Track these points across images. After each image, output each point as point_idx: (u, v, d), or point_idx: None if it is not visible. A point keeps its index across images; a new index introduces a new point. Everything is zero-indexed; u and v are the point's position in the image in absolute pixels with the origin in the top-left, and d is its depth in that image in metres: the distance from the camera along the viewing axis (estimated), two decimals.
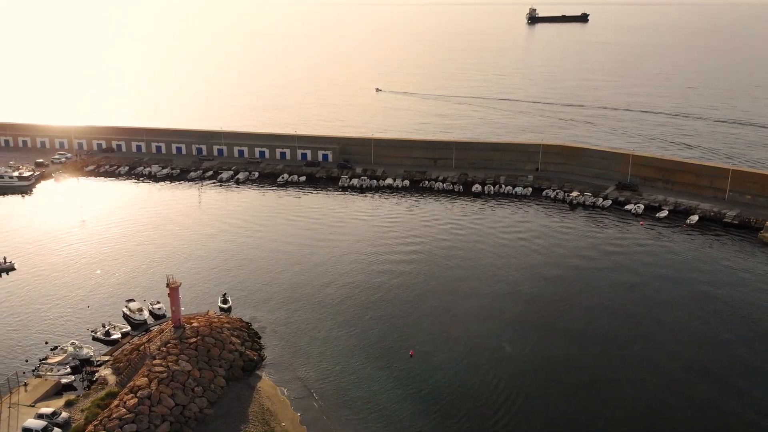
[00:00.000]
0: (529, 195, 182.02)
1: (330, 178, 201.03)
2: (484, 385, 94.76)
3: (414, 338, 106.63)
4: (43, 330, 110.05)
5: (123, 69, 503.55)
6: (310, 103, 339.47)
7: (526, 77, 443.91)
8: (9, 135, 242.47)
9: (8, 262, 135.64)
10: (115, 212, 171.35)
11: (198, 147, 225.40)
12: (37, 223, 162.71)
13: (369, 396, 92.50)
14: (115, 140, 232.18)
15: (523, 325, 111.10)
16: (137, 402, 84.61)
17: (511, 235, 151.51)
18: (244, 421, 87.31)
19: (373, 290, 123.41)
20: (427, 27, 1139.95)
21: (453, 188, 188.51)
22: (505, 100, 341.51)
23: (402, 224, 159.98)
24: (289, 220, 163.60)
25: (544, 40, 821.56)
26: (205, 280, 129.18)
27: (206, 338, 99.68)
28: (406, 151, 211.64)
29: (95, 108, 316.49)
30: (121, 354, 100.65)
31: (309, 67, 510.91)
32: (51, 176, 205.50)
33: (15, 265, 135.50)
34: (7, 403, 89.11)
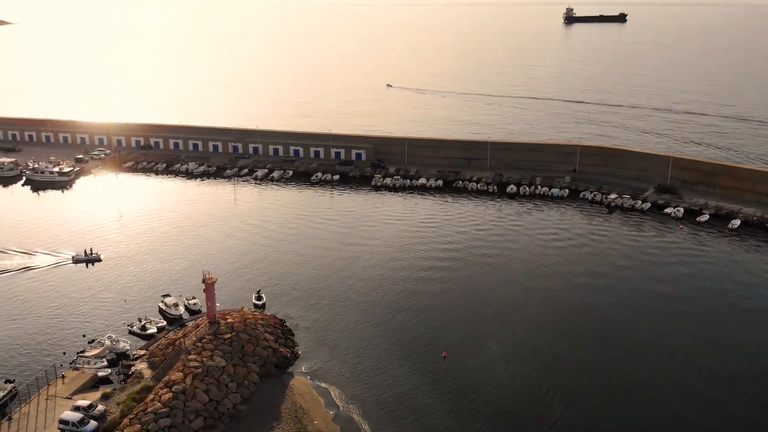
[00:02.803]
0: (566, 197, 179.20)
1: (363, 177, 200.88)
2: (517, 390, 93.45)
3: (447, 340, 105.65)
4: (80, 323, 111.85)
5: (162, 68, 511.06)
6: (344, 102, 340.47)
7: (562, 77, 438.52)
8: (50, 131, 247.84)
9: (94, 253, 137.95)
10: (152, 208, 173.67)
11: (234, 145, 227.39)
12: (75, 218, 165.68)
13: (401, 397, 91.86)
14: (153, 137, 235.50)
15: (558, 331, 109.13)
16: (172, 396, 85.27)
17: (547, 239, 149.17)
18: (276, 419, 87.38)
19: (407, 292, 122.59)
20: (463, 27, 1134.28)
21: (487, 189, 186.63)
22: (541, 100, 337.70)
23: (436, 225, 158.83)
24: (322, 220, 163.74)
25: (581, 40, 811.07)
26: (239, 276, 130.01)
27: (240, 334, 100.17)
28: (439, 150, 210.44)
29: (134, 105, 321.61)
30: (156, 348, 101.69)
31: (345, 66, 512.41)
32: (90, 172, 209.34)
33: (101, 257, 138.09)
34: (45, 395, 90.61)
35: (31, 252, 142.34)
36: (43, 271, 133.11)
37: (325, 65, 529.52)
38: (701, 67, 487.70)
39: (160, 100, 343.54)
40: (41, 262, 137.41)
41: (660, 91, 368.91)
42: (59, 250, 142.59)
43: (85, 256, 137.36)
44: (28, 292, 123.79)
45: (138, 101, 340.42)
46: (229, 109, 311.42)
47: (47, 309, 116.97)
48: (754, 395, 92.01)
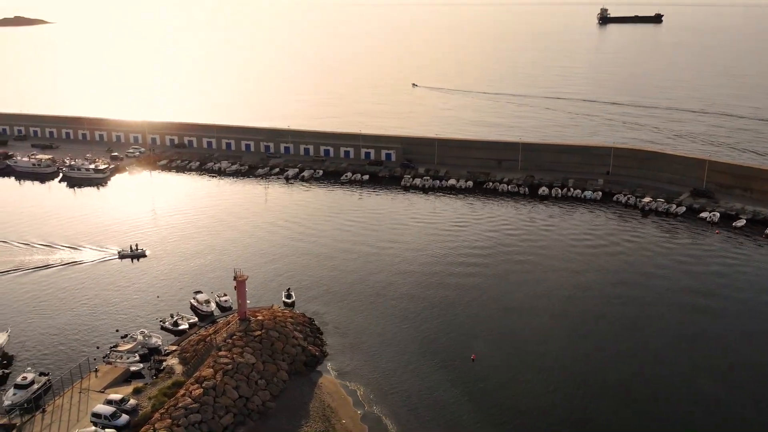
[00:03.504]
0: (599, 199, 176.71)
1: (393, 178, 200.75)
2: (546, 395, 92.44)
3: (476, 342, 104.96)
4: (114, 318, 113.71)
5: (197, 67, 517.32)
6: (371, 102, 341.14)
7: (596, 78, 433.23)
8: (86, 129, 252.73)
9: (139, 249, 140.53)
10: (185, 206, 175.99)
11: (266, 144, 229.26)
12: (115, 215, 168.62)
13: (429, 399, 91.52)
14: (186, 136, 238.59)
15: (590, 337, 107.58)
16: (202, 392, 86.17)
17: (579, 242, 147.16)
18: (305, 417, 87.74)
19: (436, 293, 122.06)
20: (494, 27, 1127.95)
21: (518, 190, 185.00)
22: (574, 101, 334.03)
23: (465, 227, 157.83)
24: (351, 220, 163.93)
25: (616, 40, 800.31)
26: (269, 274, 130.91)
27: (270, 332, 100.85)
28: (470, 151, 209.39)
29: (169, 104, 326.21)
30: (188, 344, 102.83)
31: (375, 66, 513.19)
32: (125, 169, 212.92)
33: (147, 252, 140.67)
34: (78, 388, 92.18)
35: (78, 247, 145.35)
36: (89, 266, 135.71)
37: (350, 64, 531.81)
38: (738, 69, 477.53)
39: (194, 100, 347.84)
40: (88, 257, 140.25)
41: (696, 92, 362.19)
42: (105, 246, 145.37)
43: (131, 251, 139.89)
44: (71, 286, 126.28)
45: (173, 100, 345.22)
46: (262, 109, 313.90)
47: (85, 303, 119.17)
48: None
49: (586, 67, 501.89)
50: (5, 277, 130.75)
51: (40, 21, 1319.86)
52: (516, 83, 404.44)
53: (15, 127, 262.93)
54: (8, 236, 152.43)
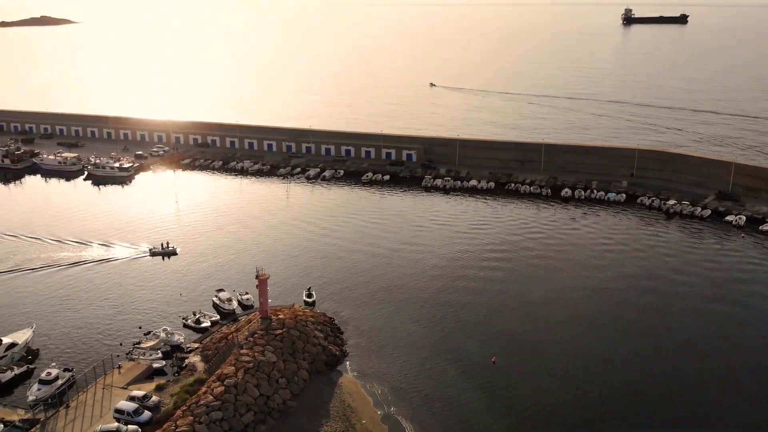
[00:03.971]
0: (623, 201, 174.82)
1: (413, 178, 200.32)
2: (568, 398, 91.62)
3: (497, 345, 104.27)
4: (137, 315, 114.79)
5: (220, 67, 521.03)
6: (390, 101, 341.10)
7: (619, 79, 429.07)
8: (111, 128, 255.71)
9: (170, 247, 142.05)
10: (208, 204, 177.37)
11: (288, 144, 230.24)
12: (137, 213, 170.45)
13: (450, 400, 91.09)
14: (210, 136, 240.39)
15: (612, 340, 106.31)
16: (224, 390, 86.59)
17: (602, 245, 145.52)
18: (325, 416, 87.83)
19: (456, 295, 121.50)
20: (517, 27, 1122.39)
21: (541, 192, 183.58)
22: (597, 101, 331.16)
23: (487, 228, 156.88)
24: (372, 220, 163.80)
25: (640, 41, 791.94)
26: (290, 273, 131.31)
27: (291, 330, 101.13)
28: (491, 152, 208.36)
29: (192, 104, 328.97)
30: (210, 342, 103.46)
31: (393, 65, 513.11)
32: (149, 168, 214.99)
33: (177, 250, 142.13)
34: (102, 384, 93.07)
35: (109, 244, 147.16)
36: (121, 263, 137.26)
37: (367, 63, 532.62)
38: (765, 71, 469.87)
39: (217, 99, 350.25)
40: (120, 254, 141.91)
41: (722, 94, 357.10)
42: (137, 243, 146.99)
43: (162, 249, 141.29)
44: (98, 283, 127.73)
45: (196, 100, 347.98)
46: (284, 109, 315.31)
47: (110, 300, 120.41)
48: None
49: (609, 68, 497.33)
50: (36, 274, 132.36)
51: (66, 21, 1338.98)
52: (538, 83, 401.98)
53: (41, 126, 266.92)
54: (40, 233, 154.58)
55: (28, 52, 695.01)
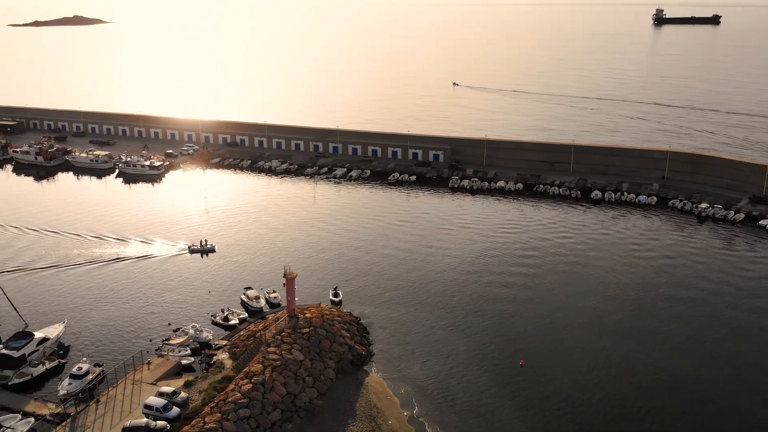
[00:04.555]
0: (654, 204, 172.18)
1: (440, 179, 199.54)
2: (597, 402, 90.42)
3: (524, 348, 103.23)
4: (167, 312, 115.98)
5: (249, 68, 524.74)
6: (415, 101, 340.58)
7: (650, 80, 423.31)
8: (142, 126, 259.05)
9: (209, 244, 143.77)
10: (238, 203, 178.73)
11: (315, 144, 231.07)
12: (168, 210, 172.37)
13: (477, 403, 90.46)
14: (239, 135, 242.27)
15: (641, 344, 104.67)
16: (252, 387, 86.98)
17: (632, 249, 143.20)
18: (351, 416, 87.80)
19: (483, 297, 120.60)
20: (546, 27, 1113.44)
21: (570, 194, 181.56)
22: (628, 102, 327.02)
23: (515, 230, 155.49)
24: (398, 221, 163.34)
25: (672, 42, 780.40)
26: (317, 272, 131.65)
27: (318, 329, 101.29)
28: (520, 153, 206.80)
29: (222, 103, 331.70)
30: (237, 339, 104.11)
31: (421, 65, 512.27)
32: (179, 166, 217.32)
33: (215, 248, 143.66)
34: (131, 380, 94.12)
35: (149, 241, 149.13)
36: (161, 260, 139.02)
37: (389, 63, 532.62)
38: None
39: (246, 99, 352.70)
40: (160, 251, 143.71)
41: (755, 96, 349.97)
42: (175, 240, 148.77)
43: (201, 246, 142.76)
44: (133, 279, 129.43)
45: (226, 99, 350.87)
46: (311, 109, 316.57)
47: (141, 296, 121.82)
48: None
49: (640, 69, 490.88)
50: (74, 270, 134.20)
51: (98, 20, 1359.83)
52: (566, 84, 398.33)
53: (74, 124, 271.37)
54: (81, 230, 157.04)
55: (62, 52, 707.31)
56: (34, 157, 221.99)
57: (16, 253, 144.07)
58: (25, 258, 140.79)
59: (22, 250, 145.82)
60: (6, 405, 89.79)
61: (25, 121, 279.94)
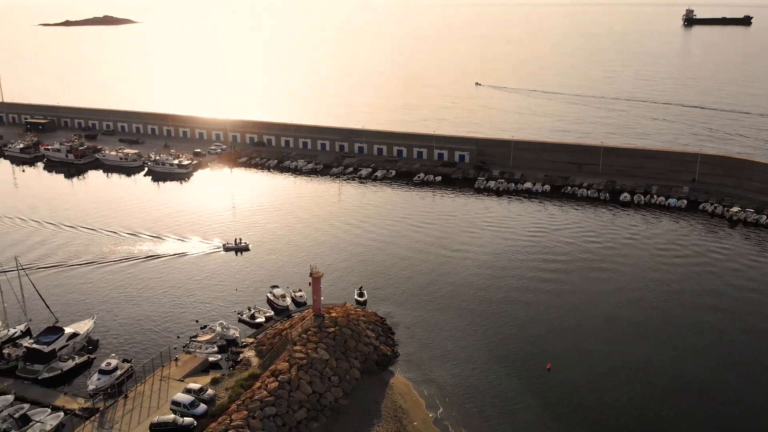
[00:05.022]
0: (684, 208, 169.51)
1: (466, 179, 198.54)
2: (626, 407, 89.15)
3: (552, 352, 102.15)
4: (195, 309, 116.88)
5: (276, 68, 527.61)
6: (441, 102, 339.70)
7: (679, 82, 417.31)
8: (171, 125, 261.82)
9: (243, 243, 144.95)
10: (264, 202, 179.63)
11: (340, 144, 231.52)
12: (194, 209, 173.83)
13: (503, 406, 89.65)
14: (266, 135, 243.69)
15: (671, 350, 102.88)
16: (278, 386, 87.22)
17: (662, 253, 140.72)
18: (377, 416, 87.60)
19: (510, 300, 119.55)
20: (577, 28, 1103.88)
21: (599, 196, 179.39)
22: (657, 104, 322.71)
23: (542, 233, 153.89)
24: (423, 222, 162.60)
25: (702, 42, 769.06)
26: (341, 272, 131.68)
27: (344, 329, 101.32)
28: (547, 154, 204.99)
29: (249, 103, 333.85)
30: (264, 337, 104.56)
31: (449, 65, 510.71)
32: (207, 165, 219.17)
33: (249, 246, 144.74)
34: (159, 376, 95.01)
35: (184, 239, 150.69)
36: (196, 257, 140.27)
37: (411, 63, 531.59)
38: None
39: (273, 99, 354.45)
40: (194, 248, 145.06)
41: None
42: (209, 238, 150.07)
43: (235, 244, 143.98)
44: (162, 276, 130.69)
45: (253, 99, 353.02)
46: (336, 108, 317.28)
47: (170, 293, 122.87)
48: None
49: (669, 70, 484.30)
50: (111, 267, 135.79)
51: (127, 21, 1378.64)
52: (593, 85, 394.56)
53: (104, 122, 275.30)
54: (116, 227, 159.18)
55: (92, 51, 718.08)
56: (65, 154, 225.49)
57: (49, 249, 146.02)
58: (59, 255, 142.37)
59: (56, 246, 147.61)
60: (36, 399, 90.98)
61: (57, 119, 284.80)
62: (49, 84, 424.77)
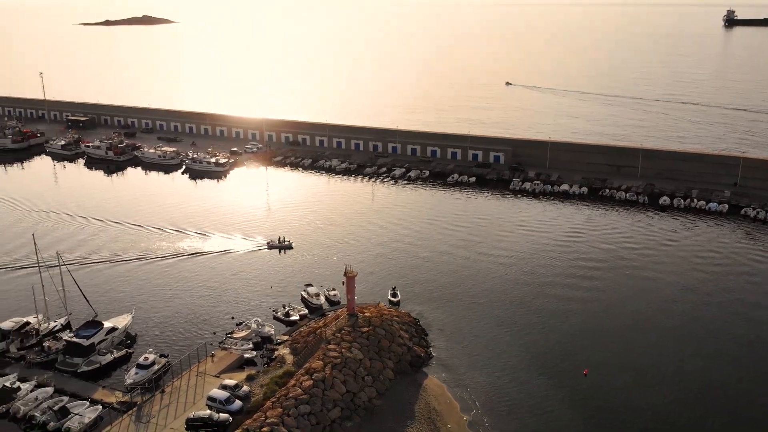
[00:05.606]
0: (725, 212, 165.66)
1: (500, 181, 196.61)
2: (665, 414, 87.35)
3: (589, 357, 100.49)
4: (231, 305, 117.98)
5: (311, 68, 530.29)
6: (476, 102, 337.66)
7: (720, 83, 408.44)
8: (208, 124, 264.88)
9: (286, 241, 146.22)
10: (299, 201, 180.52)
11: (374, 144, 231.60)
12: (229, 206, 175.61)
13: (539, 411, 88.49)
14: (300, 134, 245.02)
15: (713, 359, 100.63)
16: (312, 384, 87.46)
17: (702, 258, 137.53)
18: (410, 417, 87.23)
19: (545, 304, 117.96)
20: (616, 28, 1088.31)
21: (637, 199, 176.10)
22: (697, 106, 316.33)
23: (579, 235, 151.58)
24: (457, 222, 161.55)
25: (743, 44, 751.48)
26: (374, 272, 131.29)
27: (377, 329, 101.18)
28: (584, 156, 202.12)
29: (285, 103, 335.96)
30: (298, 335, 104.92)
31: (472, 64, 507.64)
32: (243, 164, 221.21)
33: (293, 244, 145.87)
34: (195, 372, 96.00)
35: (229, 236, 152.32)
36: (241, 255, 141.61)
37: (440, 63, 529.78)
38: None
39: (309, 99, 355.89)
40: (239, 246, 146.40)
41: None
42: (252, 236, 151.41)
43: (279, 243, 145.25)
44: (205, 273, 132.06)
45: (288, 99, 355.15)
46: (370, 108, 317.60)
47: (208, 290, 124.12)
48: None
49: (709, 72, 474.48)
50: (151, 264, 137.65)
51: (165, 20, 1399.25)
52: (631, 86, 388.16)
53: (143, 120, 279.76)
54: (162, 224, 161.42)
55: (131, 50, 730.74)
56: (105, 151, 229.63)
57: (94, 244, 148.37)
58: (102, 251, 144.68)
59: (100, 242, 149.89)
60: (75, 392, 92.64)
61: (97, 117, 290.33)
62: (90, 82, 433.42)
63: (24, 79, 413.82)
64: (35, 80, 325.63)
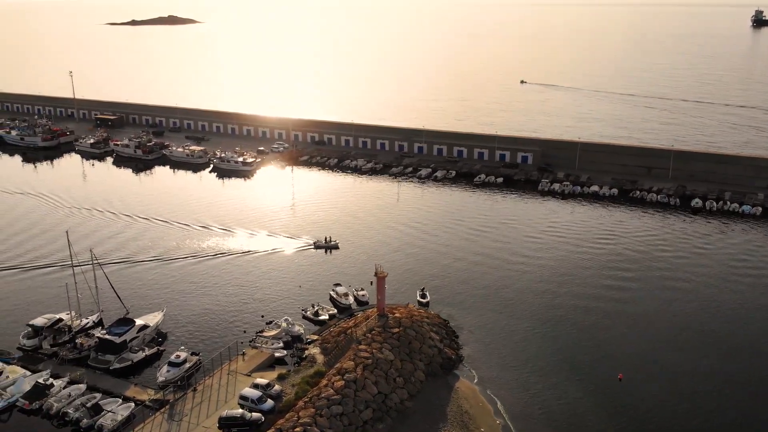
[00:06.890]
0: (759, 215, 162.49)
1: (528, 182, 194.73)
2: (699, 420, 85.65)
3: (622, 362, 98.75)
4: (260, 304, 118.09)
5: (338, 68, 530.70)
6: (510, 103, 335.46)
7: (749, 84, 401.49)
8: (235, 124, 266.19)
9: (333, 241, 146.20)
10: (323, 201, 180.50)
11: (400, 144, 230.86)
12: (255, 204, 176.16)
13: (573, 416, 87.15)
14: (326, 134, 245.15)
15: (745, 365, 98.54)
16: (344, 384, 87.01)
17: (736, 263, 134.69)
18: (442, 420, 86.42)
19: (577, 307, 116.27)
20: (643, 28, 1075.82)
21: (669, 201, 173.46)
22: (726, 106, 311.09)
23: (610, 238, 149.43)
24: (485, 224, 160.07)
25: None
26: (402, 272, 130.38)
27: (408, 330, 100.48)
28: (615, 157, 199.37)
29: (310, 103, 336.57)
30: (328, 335, 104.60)
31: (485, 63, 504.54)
32: (269, 163, 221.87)
33: (338, 244, 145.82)
34: (227, 370, 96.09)
35: (275, 235, 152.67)
36: (289, 255, 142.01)
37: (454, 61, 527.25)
38: None
39: (335, 99, 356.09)
40: (286, 245, 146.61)
41: None
42: (299, 236, 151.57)
43: (325, 243, 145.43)
44: (240, 271, 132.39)
45: (316, 99, 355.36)
46: (395, 108, 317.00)
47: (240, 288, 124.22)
48: None
49: (738, 72, 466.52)
50: (183, 262, 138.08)
51: (191, 20, 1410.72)
52: (659, 86, 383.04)
53: (171, 120, 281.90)
54: (208, 222, 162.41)
55: (158, 50, 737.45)
56: (134, 150, 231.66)
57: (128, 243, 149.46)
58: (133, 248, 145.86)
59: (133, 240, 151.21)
60: (107, 389, 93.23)
61: (125, 115, 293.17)
62: (118, 81, 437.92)
63: (53, 78, 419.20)
64: (65, 79, 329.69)
